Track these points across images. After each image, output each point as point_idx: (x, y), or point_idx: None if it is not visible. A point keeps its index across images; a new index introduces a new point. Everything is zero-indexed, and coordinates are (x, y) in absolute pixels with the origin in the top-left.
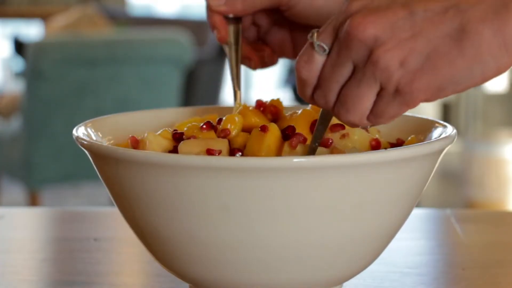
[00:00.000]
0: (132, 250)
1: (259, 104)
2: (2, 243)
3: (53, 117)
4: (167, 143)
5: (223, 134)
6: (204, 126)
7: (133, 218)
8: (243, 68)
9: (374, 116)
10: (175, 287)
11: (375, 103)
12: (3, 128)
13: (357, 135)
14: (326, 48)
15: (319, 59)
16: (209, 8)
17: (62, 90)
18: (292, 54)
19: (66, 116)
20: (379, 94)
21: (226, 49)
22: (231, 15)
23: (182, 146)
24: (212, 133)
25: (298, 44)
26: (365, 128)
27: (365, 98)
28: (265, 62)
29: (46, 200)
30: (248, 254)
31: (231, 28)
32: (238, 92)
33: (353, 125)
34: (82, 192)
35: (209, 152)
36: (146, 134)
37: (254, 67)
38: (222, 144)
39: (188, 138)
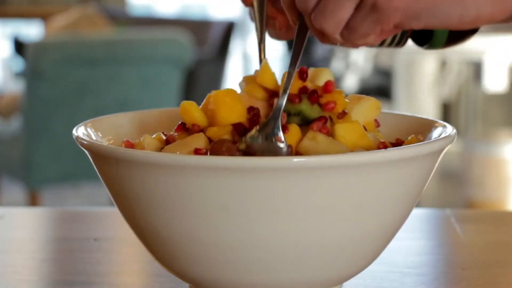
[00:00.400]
0: (132, 250)
1: (303, 70)
2: (2, 243)
3: (53, 117)
4: (163, 146)
5: (195, 130)
6: (176, 128)
7: (133, 218)
8: (243, 65)
9: (348, 30)
10: (175, 287)
11: (351, 16)
12: (3, 128)
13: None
14: None
15: None
16: None
17: (62, 90)
18: None
19: (66, 116)
20: (356, 8)
21: (251, 11)
22: None
23: (164, 151)
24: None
25: None
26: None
27: (345, 7)
28: (291, 28)
29: (46, 200)
30: (248, 254)
31: None
32: (262, 45)
33: (325, 38)
34: (82, 192)
35: (196, 152)
36: (142, 138)
37: (279, 27)
38: (199, 140)
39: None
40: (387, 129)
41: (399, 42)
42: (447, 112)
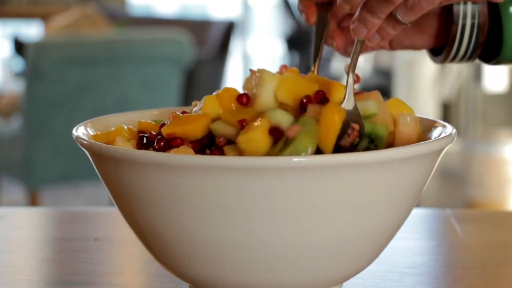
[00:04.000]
0: (132, 250)
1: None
2: (2, 243)
3: (53, 117)
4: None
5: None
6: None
7: (133, 218)
8: (243, 65)
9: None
10: (175, 287)
11: None
12: (3, 128)
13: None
14: None
15: None
16: None
17: (62, 90)
18: (390, 44)
19: (66, 116)
20: None
21: (314, 29)
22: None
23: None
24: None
25: (398, 34)
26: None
27: None
28: (351, 45)
29: (46, 200)
30: (248, 254)
31: (320, 15)
32: (317, 63)
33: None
34: (82, 192)
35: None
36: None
37: (336, 48)
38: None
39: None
40: None
41: (469, 57)
42: (447, 112)
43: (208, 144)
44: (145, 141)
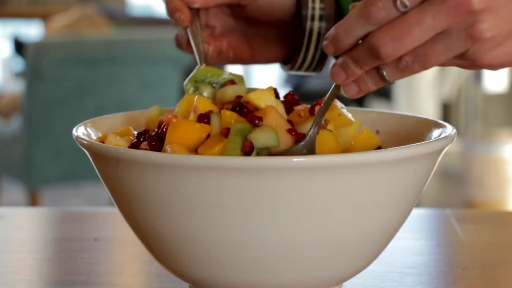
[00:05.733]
0: (132, 250)
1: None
2: (2, 243)
3: (53, 117)
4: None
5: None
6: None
7: (133, 218)
8: (242, 67)
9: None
10: (175, 287)
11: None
12: (3, 128)
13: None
14: (408, 4)
15: (393, 13)
16: None
17: (62, 90)
18: (249, 58)
19: (66, 116)
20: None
21: (189, 31)
22: (194, 6)
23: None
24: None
25: (255, 47)
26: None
27: (446, 57)
28: (222, 53)
29: (46, 200)
30: (248, 254)
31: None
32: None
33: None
34: (82, 192)
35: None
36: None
37: (211, 53)
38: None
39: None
40: (387, 129)
41: (318, 63)
42: (447, 112)
43: None
44: (142, 138)
